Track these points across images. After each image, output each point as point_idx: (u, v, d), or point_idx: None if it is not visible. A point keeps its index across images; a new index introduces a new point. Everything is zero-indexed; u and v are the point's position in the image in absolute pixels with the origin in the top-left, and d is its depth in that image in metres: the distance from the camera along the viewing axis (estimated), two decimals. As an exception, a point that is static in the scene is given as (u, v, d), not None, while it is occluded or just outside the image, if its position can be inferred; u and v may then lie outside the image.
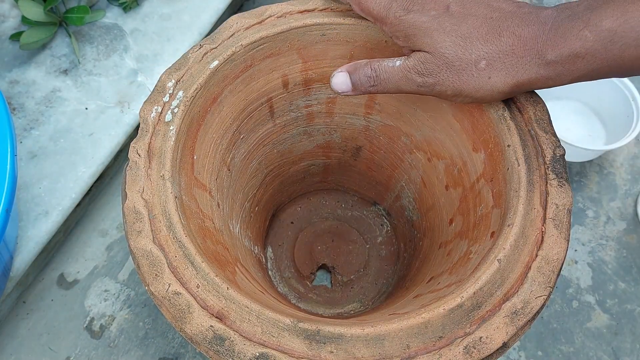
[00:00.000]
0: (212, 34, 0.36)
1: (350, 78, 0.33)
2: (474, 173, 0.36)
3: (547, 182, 0.31)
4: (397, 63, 0.31)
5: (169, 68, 0.35)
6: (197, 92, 0.34)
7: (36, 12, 0.54)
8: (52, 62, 0.56)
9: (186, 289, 0.27)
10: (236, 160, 0.41)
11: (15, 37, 0.56)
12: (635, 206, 0.56)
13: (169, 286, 0.27)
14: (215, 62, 0.34)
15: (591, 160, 0.58)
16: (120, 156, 0.55)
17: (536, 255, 0.28)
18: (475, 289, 0.27)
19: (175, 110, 0.33)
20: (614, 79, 0.57)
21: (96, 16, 0.59)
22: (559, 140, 0.32)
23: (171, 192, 0.30)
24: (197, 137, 0.35)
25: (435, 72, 0.30)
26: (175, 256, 0.28)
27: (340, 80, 0.33)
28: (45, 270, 0.51)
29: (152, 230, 0.29)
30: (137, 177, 0.31)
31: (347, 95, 0.34)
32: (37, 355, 0.47)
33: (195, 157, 0.35)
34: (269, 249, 0.51)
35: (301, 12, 0.37)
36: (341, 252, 0.50)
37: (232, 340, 0.26)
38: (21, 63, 0.56)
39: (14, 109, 0.53)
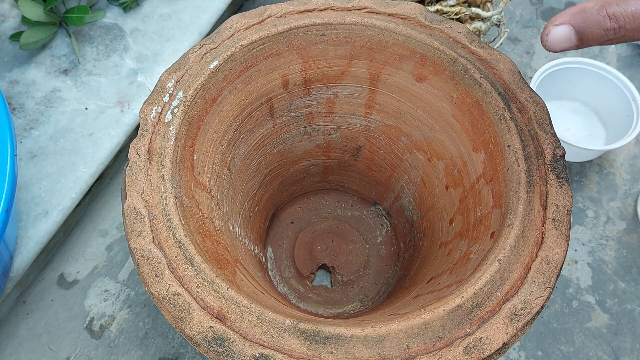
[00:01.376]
0: (212, 34, 0.36)
1: (576, 30, 0.26)
2: (474, 173, 0.36)
3: (547, 183, 0.31)
4: None
5: (169, 68, 0.35)
6: (197, 93, 0.34)
7: (36, 12, 0.54)
8: (52, 62, 0.56)
9: (186, 289, 0.27)
10: (236, 160, 0.41)
11: (15, 37, 0.56)
12: (635, 206, 0.56)
13: (169, 287, 0.27)
14: (215, 62, 0.34)
15: (591, 160, 0.58)
16: (120, 156, 0.55)
17: (536, 256, 0.28)
18: (475, 289, 0.27)
19: (175, 110, 0.33)
20: (614, 79, 0.57)
21: (96, 16, 0.59)
22: (559, 141, 0.32)
23: (171, 193, 0.30)
24: (197, 138, 0.35)
25: None
26: (175, 257, 0.28)
27: (563, 36, 0.27)
28: (45, 270, 0.51)
29: (152, 231, 0.29)
30: (137, 178, 0.31)
31: (567, 50, 0.28)
32: (37, 355, 0.47)
33: (195, 157, 0.35)
34: (269, 249, 0.51)
35: (301, 12, 0.37)
36: (341, 252, 0.50)
37: (232, 341, 0.26)
38: (21, 63, 0.56)
39: (14, 109, 0.53)
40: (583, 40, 0.27)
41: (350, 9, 0.37)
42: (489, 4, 0.51)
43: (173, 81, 0.34)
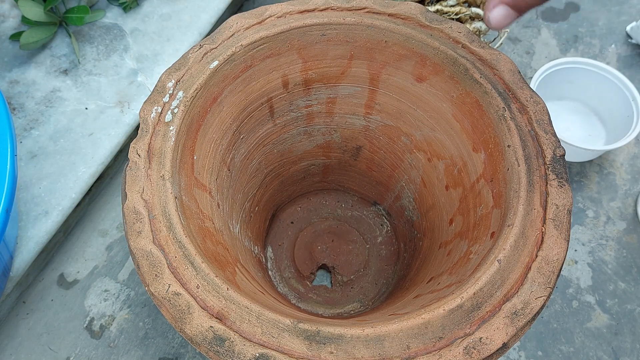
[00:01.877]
0: (212, 34, 0.36)
1: (511, 5, 0.29)
2: (474, 173, 0.36)
3: (547, 183, 0.31)
4: None
5: (169, 68, 0.35)
6: (197, 92, 0.34)
7: (36, 12, 0.54)
8: (52, 62, 0.56)
9: (186, 289, 0.27)
10: (236, 160, 0.41)
11: (15, 37, 0.56)
12: (635, 206, 0.56)
13: (169, 287, 0.27)
14: (215, 62, 0.34)
15: (591, 160, 0.58)
16: (120, 156, 0.55)
17: (536, 256, 0.28)
18: (475, 289, 0.27)
19: (175, 110, 0.33)
20: (614, 79, 0.57)
21: (96, 16, 0.59)
22: (559, 141, 0.32)
23: (171, 193, 0.30)
24: (197, 137, 0.35)
25: None
26: (175, 257, 0.28)
27: (502, 15, 0.30)
28: (45, 270, 0.51)
29: (152, 231, 0.29)
30: (137, 178, 0.31)
31: (512, 22, 0.31)
32: (37, 355, 0.47)
33: (195, 157, 0.35)
34: (269, 249, 0.51)
35: (301, 12, 0.37)
36: (341, 252, 0.50)
37: (232, 341, 0.26)
38: (21, 63, 0.56)
39: (14, 109, 0.53)
40: (521, 10, 0.30)
41: (350, 9, 0.37)
42: (489, 4, 0.51)
43: (173, 81, 0.34)
